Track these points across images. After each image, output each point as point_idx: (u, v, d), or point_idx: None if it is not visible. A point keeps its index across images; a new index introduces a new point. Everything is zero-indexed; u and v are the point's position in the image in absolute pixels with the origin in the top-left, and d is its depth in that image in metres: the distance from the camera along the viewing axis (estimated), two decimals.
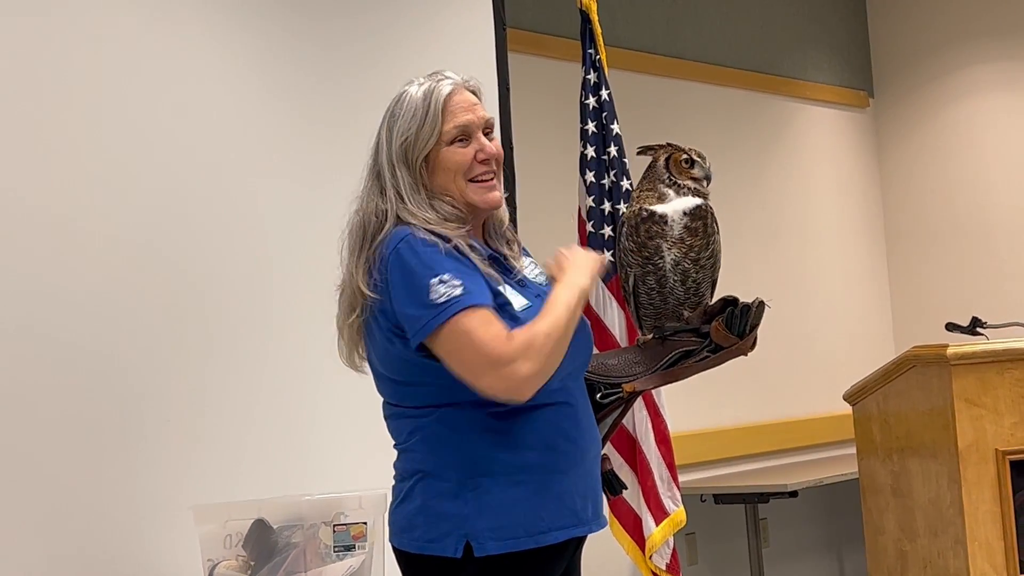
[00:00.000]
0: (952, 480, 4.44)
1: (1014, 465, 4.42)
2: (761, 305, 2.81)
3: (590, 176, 4.74)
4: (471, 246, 2.58)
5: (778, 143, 7.01)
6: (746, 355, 2.84)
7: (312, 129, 3.99)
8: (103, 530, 3.33)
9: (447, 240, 2.54)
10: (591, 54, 4.81)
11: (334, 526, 3.15)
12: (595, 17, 4.80)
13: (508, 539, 2.51)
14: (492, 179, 2.67)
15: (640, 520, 4.58)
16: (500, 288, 2.56)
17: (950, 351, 4.45)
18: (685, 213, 2.77)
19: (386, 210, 2.59)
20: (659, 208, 2.78)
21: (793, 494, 5.67)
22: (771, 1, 7.05)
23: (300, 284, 3.77)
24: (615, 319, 4.65)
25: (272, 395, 3.72)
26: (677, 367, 2.81)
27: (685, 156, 2.80)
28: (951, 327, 5.40)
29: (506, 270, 2.66)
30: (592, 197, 4.72)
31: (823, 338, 7.04)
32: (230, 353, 3.65)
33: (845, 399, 4.90)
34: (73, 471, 3.30)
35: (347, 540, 3.30)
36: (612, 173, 4.72)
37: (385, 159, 2.63)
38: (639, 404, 4.60)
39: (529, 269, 2.74)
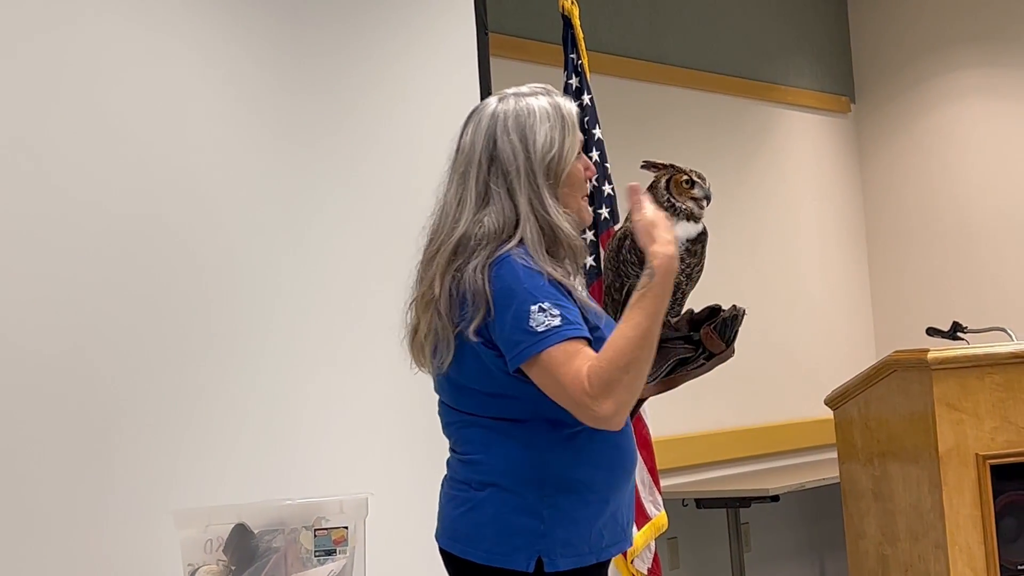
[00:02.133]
0: (933, 484, 4.45)
1: (994, 469, 4.44)
2: (743, 312, 2.85)
3: None
4: (581, 264, 2.65)
5: (760, 148, 7.02)
6: (726, 361, 2.88)
7: (295, 134, 3.98)
8: (83, 534, 3.32)
9: (554, 270, 2.55)
10: (573, 59, 4.82)
11: (315, 531, 3.14)
12: (577, 22, 4.81)
13: (575, 555, 2.55)
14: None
15: None
16: (596, 315, 2.60)
17: (931, 356, 4.46)
18: (688, 239, 2.80)
19: (518, 219, 2.56)
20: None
21: (775, 499, 5.67)
22: (753, 7, 7.06)
23: (283, 289, 3.77)
24: None
25: (253, 400, 3.72)
26: (676, 374, 2.84)
27: (686, 177, 2.83)
28: (932, 332, 5.42)
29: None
30: None
31: (805, 343, 7.06)
32: (211, 358, 3.64)
33: (826, 404, 4.92)
34: (53, 475, 3.29)
35: (328, 545, 3.30)
36: (593, 178, 4.71)
37: (523, 169, 2.58)
38: None
39: (578, 289, 2.72)
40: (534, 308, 2.46)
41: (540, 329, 2.45)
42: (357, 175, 4.10)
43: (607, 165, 4.74)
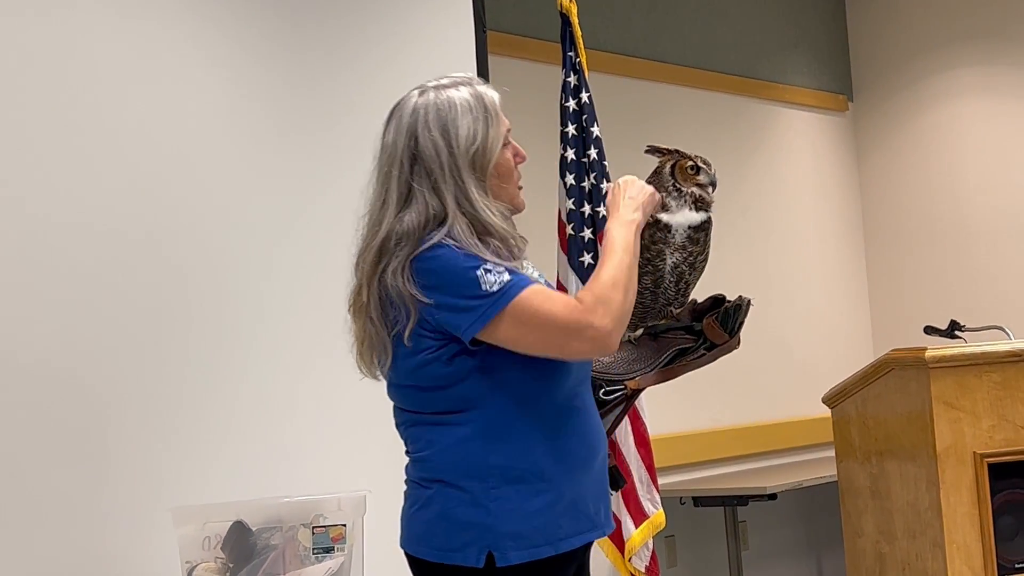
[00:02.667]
0: (930, 483, 4.45)
1: (992, 468, 4.44)
2: (749, 303, 2.87)
3: (570, 179, 4.74)
4: (516, 255, 2.59)
5: (758, 146, 7.02)
6: (735, 350, 2.86)
7: (292, 133, 3.98)
8: (81, 532, 3.32)
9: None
10: (571, 57, 4.82)
11: (313, 528, 3.14)
12: (575, 20, 4.81)
13: (529, 548, 2.49)
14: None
15: (619, 522, 4.58)
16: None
17: (928, 354, 4.46)
18: (690, 227, 2.80)
19: (443, 215, 2.51)
20: (664, 217, 2.81)
21: (772, 497, 5.67)
22: (751, 5, 7.06)
23: (279, 287, 3.77)
24: None
25: (251, 397, 3.71)
26: (675, 364, 2.83)
27: (691, 163, 2.83)
28: (929, 330, 5.42)
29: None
30: (572, 199, 4.72)
31: (802, 341, 7.06)
32: (209, 355, 3.64)
33: (824, 402, 4.92)
34: (51, 473, 3.29)
35: (326, 542, 3.30)
36: (592, 176, 4.72)
37: (447, 164, 2.52)
38: None
39: (531, 272, 2.69)
40: (479, 272, 2.42)
41: (495, 289, 2.42)
42: (354, 172, 4.09)
43: (605, 163, 4.74)
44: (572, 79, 4.80)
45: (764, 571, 6.57)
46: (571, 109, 4.78)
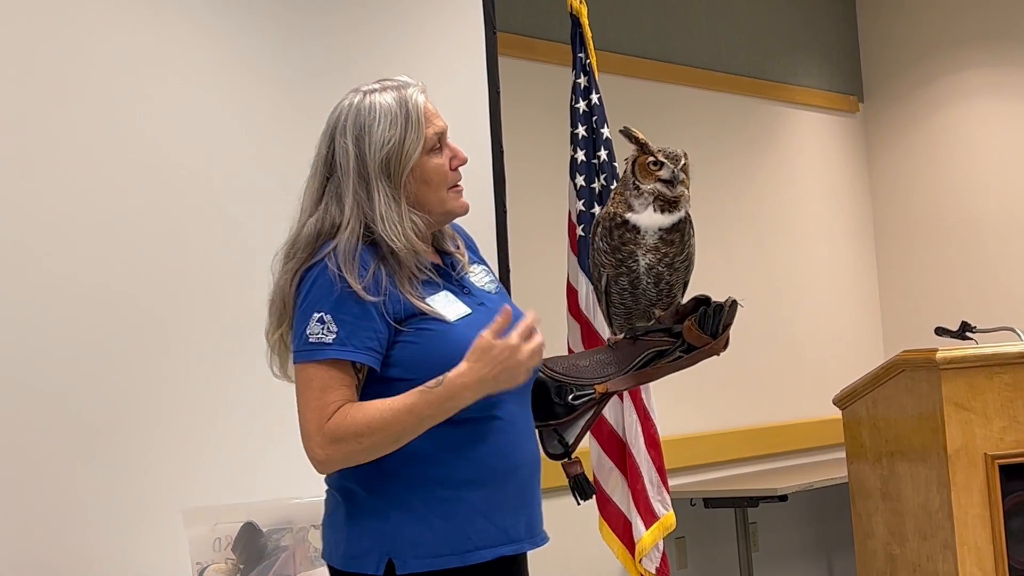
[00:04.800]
0: (941, 484, 4.44)
1: (1003, 469, 4.43)
2: (734, 304, 2.74)
3: (580, 180, 4.73)
4: (424, 267, 2.52)
5: (768, 147, 7.01)
6: (718, 355, 2.77)
7: (303, 138, 3.98)
8: (91, 532, 3.33)
9: (371, 267, 2.45)
10: (581, 58, 4.81)
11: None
12: (585, 21, 4.80)
13: (431, 557, 2.44)
14: (460, 184, 2.62)
15: (630, 524, 4.58)
16: (407, 323, 2.46)
17: (939, 355, 4.46)
18: (660, 228, 2.70)
19: (338, 225, 2.48)
20: (632, 218, 2.71)
21: (783, 498, 5.67)
22: (761, 5, 7.06)
23: None
24: (604, 323, 4.64)
25: (262, 398, 3.71)
26: (650, 367, 2.75)
27: (652, 158, 2.71)
28: (940, 331, 5.41)
29: (448, 273, 2.60)
30: (582, 201, 4.72)
31: (813, 342, 7.05)
32: (220, 356, 3.64)
33: (835, 403, 4.91)
34: (62, 473, 3.29)
35: None
36: (602, 177, 4.72)
37: (354, 171, 2.50)
38: (628, 408, 4.60)
39: (479, 276, 2.67)
40: (315, 316, 2.41)
41: (311, 340, 2.41)
42: None
43: (615, 164, 4.73)
44: (582, 80, 4.80)
45: (774, 572, 6.56)
46: (581, 110, 4.78)
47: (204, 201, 3.69)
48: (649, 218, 2.69)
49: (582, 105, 4.78)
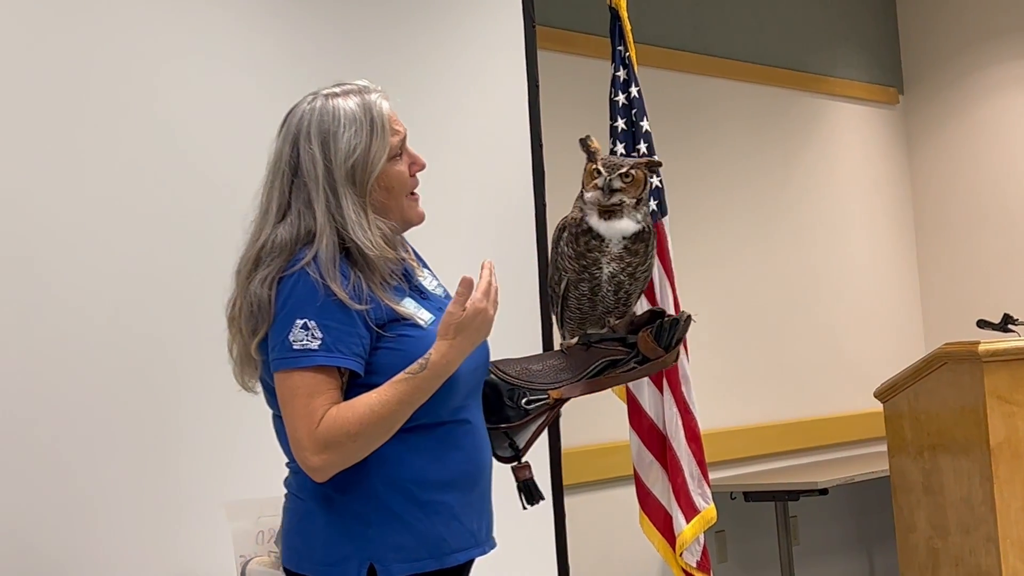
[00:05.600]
0: (984, 477, 4.43)
1: None
2: (688, 319, 2.73)
3: None
4: (395, 273, 2.51)
5: (808, 140, 6.99)
6: (669, 367, 2.80)
7: None
8: (136, 526, 3.35)
9: (351, 275, 2.44)
10: (620, 51, 4.80)
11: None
12: (625, 14, 4.80)
13: (412, 561, 2.44)
14: (416, 191, 2.61)
15: (671, 517, 4.58)
16: (390, 328, 2.47)
17: (982, 348, 4.44)
18: (624, 237, 2.70)
19: (314, 232, 2.46)
20: (595, 225, 2.71)
21: (823, 492, 5.65)
22: None
23: None
24: None
25: None
26: (603, 376, 2.73)
27: (595, 166, 2.72)
28: (982, 324, 5.39)
29: (408, 279, 2.59)
30: None
31: (853, 335, 7.02)
32: None
33: (876, 396, 4.90)
34: (106, 466, 3.31)
35: None
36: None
37: (323, 178, 2.47)
38: (669, 401, 4.60)
39: (429, 280, 2.67)
40: (299, 323, 2.39)
41: (296, 347, 2.39)
42: None
43: (655, 158, 4.73)
44: (621, 73, 4.79)
45: (815, 566, 6.54)
46: (620, 104, 4.77)
47: (243, 198, 3.70)
48: (612, 227, 2.69)
49: (621, 98, 4.78)
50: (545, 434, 4.40)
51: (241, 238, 2.58)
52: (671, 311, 4.62)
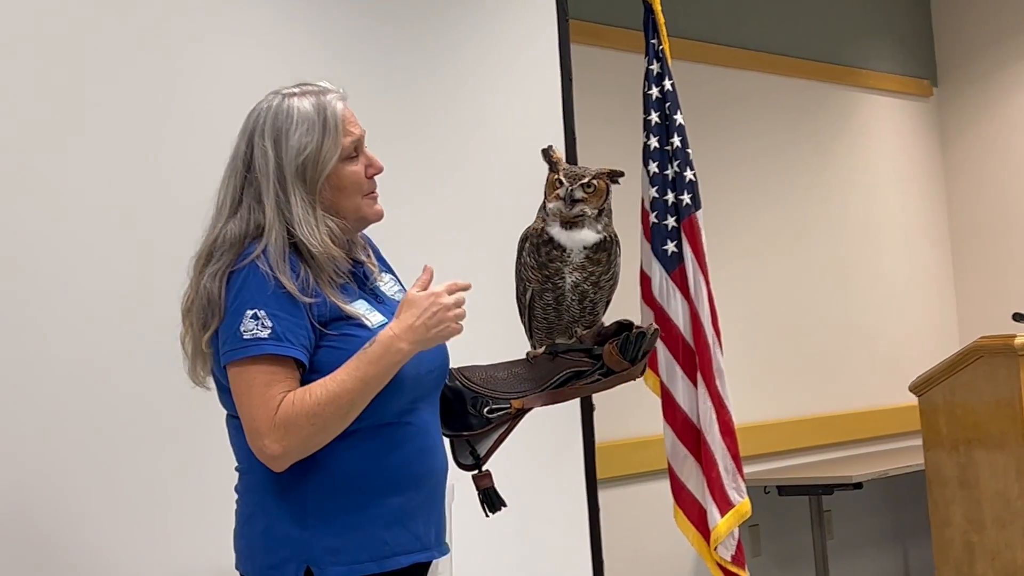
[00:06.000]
0: (1020, 471, 4.41)
1: None
2: (656, 332, 2.72)
3: (653, 166, 4.72)
4: (341, 271, 2.52)
5: (840, 133, 6.96)
6: (635, 380, 2.75)
7: (377, 129, 4.00)
8: (178, 520, 3.36)
9: (299, 269, 2.45)
10: (654, 44, 4.80)
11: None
12: (658, 7, 4.79)
13: (351, 563, 2.43)
14: (376, 191, 2.61)
15: (705, 511, 4.57)
16: (336, 328, 2.47)
17: (1018, 341, 4.43)
18: (585, 247, 2.67)
19: (263, 227, 2.48)
20: (556, 235, 2.68)
21: (858, 486, 5.64)
22: None
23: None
24: (679, 310, 4.64)
25: None
26: (567, 387, 2.72)
27: (557, 176, 2.69)
28: (1018, 317, 5.37)
29: (362, 282, 2.60)
30: (655, 187, 4.71)
31: (887, 329, 7.00)
32: None
33: (911, 390, 4.89)
34: (146, 463, 3.33)
35: None
36: (676, 163, 4.71)
37: (273, 174, 2.49)
38: (703, 395, 4.59)
39: (389, 285, 2.68)
40: (248, 313, 2.40)
41: (246, 336, 2.39)
42: (441, 164, 4.12)
43: (688, 151, 4.72)
44: (655, 67, 4.79)
45: (850, 561, 6.53)
46: (654, 97, 4.77)
47: None
48: (572, 237, 2.67)
49: (655, 92, 4.77)
50: (579, 427, 4.44)
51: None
52: (705, 305, 4.63)
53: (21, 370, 3.18)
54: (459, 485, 3.58)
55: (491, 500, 2.70)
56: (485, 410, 2.70)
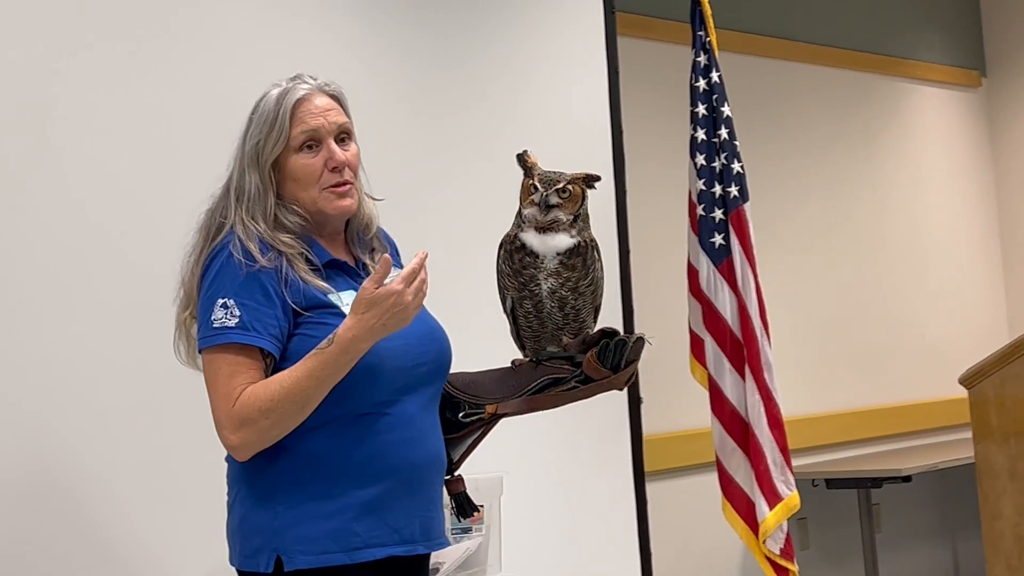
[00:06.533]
0: None
1: None
2: (640, 341, 2.66)
3: (700, 159, 4.71)
4: (304, 257, 2.51)
5: (888, 124, 6.93)
6: (620, 390, 2.69)
7: (423, 119, 4.02)
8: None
9: (269, 255, 2.47)
10: (701, 36, 4.78)
11: (451, 509, 3.15)
12: None
13: (319, 553, 2.42)
14: (346, 186, 2.58)
15: (753, 504, 4.55)
16: (311, 316, 2.47)
17: None
18: (559, 253, 2.63)
19: (227, 211, 2.54)
20: (529, 241, 2.65)
21: (907, 479, 5.61)
22: None
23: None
24: (726, 303, 4.62)
25: None
26: (544, 394, 2.67)
27: (532, 182, 2.65)
28: None
29: (356, 274, 2.59)
30: (703, 180, 4.69)
31: (936, 321, 6.96)
32: None
33: (960, 383, 4.86)
34: (194, 459, 3.35)
35: (464, 523, 3.33)
36: (723, 156, 4.69)
37: (237, 161, 2.58)
38: (751, 388, 4.58)
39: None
40: (219, 302, 2.43)
41: (215, 325, 2.42)
42: (489, 152, 4.12)
43: (736, 143, 4.70)
44: (702, 59, 4.77)
45: (898, 554, 6.50)
46: (701, 89, 4.75)
47: None
48: (546, 243, 2.63)
49: (702, 84, 4.76)
50: (627, 420, 4.44)
51: None
52: (752, 298, 4.61)
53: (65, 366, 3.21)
54: (507, 478, 3.61)
55: (462, 506, 2.68)
56: (460, 415, 2.67)
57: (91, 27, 3.37)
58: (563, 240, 2.64)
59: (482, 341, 2.90)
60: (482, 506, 3.29)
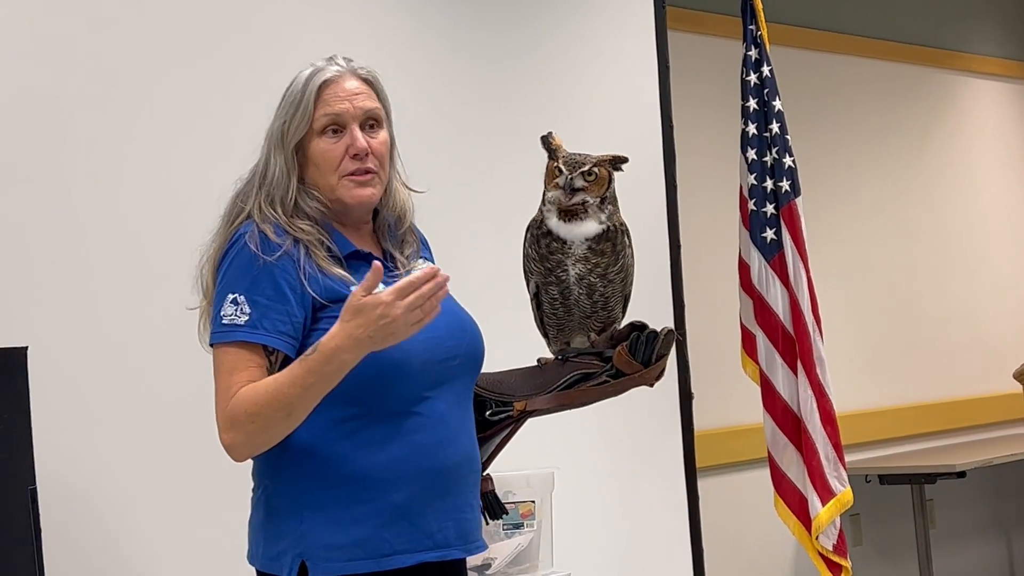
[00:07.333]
0: None
1: None
2: (670, 334, 2.60)
3: (752, 154, 4.69)
4: (324, 244, 2.43)
5: (942, 117, 6.87)
6: (651, 386, 2.63)
7: (474, 113, 4.02)
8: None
9: (285, 241, 2.39)
10: (752, 30, 4.76)
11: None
12: None
13: (346, 561, 2.32)
14: (368, 175, 2.47)
15: (806, 500, 4.54)
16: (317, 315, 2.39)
17: None
18: (587, 239, 2.57)
19: (248, 196, 2.46)
20: (555, 227, 2.58)
21: (961, 475, 5.57)
22: None
23: (471, 257, 3.74)
24: (778, 298, 4.61)
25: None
26: (574, 389, 2.60)
27: (556, 164, 2.58)
28: None
29: (386, 267, 2.46)
30: (754, 175, 4.68)
31: (990, 316, 6.90)
32: None
33: (1015, 378, 4.83)
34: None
35: (516, 519, 3.34)
36: (774, 150, 4.67)
37: (265, 142, 2.49)
38: (803, 383, 4.55)
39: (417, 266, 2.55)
40: (230, 297, 2.35)
41: (224, 321, 2.34)
42: (540, 147, 4.11)
43: (787, 137, 4.68)
44: (753, 52, 4.75)
45: (953, 550, 6.45)
46: (752, 83, 4.74)
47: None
48: (572, 230, 2.57)
49: (753, 78, 4.74)
50: (678, 415, 4.43)
51: None
52: (804, 293, 4.59)
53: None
54: (559, 474, 3.61)
55: (491, 507, 2.58)
56: (487, 413, 2.59)
57: (126, 14, 3.39)
58: (590, 226, 2.57)
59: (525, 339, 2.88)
60: (533, 501, 3.29)
